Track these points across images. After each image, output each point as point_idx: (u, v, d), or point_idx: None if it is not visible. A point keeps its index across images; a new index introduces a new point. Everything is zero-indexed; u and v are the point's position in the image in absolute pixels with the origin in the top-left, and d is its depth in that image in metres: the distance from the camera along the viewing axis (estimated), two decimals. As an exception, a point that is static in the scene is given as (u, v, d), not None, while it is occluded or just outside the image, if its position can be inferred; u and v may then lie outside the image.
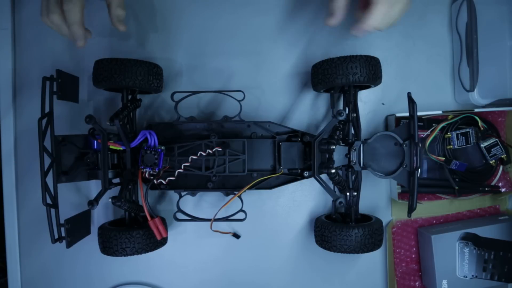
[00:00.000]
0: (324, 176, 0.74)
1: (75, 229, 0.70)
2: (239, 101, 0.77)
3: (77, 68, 0.83)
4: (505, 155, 0.83)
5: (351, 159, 0.73)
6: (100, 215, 0.84)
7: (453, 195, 0.84)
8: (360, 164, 0.73)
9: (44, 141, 0.66)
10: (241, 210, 0.78)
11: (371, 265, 0.86)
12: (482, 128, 0.82)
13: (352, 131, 0.75)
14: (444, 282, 0.80)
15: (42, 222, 0.68)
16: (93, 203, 0.66)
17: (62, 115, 0.81)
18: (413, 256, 0.86)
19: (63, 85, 0.69)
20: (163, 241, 0.77)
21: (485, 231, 0.81)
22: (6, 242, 0.85)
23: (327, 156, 0.70)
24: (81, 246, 0.74)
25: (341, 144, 0.73)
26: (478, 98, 0.80)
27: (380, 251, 0.80)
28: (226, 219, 0.78)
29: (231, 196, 0.76)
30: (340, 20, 0.71)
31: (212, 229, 0.77)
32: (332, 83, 0.71)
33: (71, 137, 0.71)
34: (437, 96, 0.85)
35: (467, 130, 0.81)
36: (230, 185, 0.77)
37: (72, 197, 0.84)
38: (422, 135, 0.83)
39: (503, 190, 0.86)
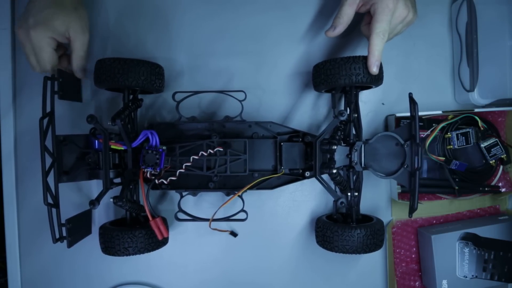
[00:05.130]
0: (325, 176, 0.74)
1: (76, 228, 0.70)
2: (240, 101, 0.77)
3: (78, 68, 0.83)
4: (505, 155, 0.83)
5: (352, 160, 0.72)
6: (101, 215, 0.84)
7: (453, 195, 0.84)
8: (361, 164, 0.73)
9: (45, 141, 0.66)
10: (242, 210, 0.78)
11: (371, 265, 0.86)
12: (482, 128, 0.83)
13: (353, 132, 0.76)
14: (444, 282, 0.81)
15: (43, 222, 0.68)
16: (94, 203, 0.66)
17: (63, 115, 0.80)
18: (413, 256, 0.86)
19: (64, 84, 0.69)
20: (164, 241, 0.77)
21: (485, 231, 0.81)
22: (6, 242, 0.85)
23: (328, 156, 0.70)
24: (81, 246, 0.73)
25: (342, 144, 0.73)
26: (478, 98, 0.80)
27: (380, 251, 0.80)
28: (227, 219, 0.78)
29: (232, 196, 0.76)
30: (339, 34, 0.74)
31: (210, 227, 0.77)
32: (335, 83, 0.71)
33: (72, 136, 0.71)
34: (437, 96, 0.85)
35: (467, 130, 0.81)
36: (231, 185, 0.77)
37: (73, 197, 0.84)
38: (422, 135, 0.83)
39: (503, 190, 0.86)
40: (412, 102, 0.69)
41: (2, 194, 0.85)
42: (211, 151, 0.73)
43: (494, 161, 0.84)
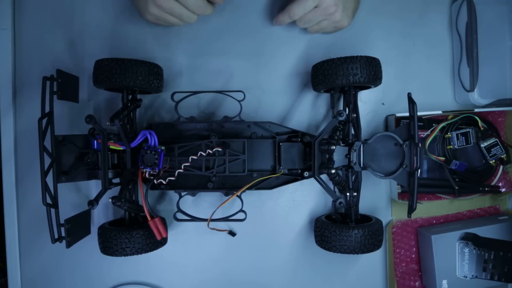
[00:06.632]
0: (324, 177, 0.74)
1: (75, 229, 0.70)
2: (239, 101, 0.77)
3: (77, 68, 0.83)
4: (505, 155, 0.83)
5: (351, 160, 0.72)
6: (100, 215, 0.84)
7: (453, 195, 0.84)
8: (360, 164, 0.73)
9: (44, 141, 0.66)
10: (241, 210, 0.78)
11: (371, 265, 0.86)
12: (482, 128, 0.82)
13: (352, 132, 0.75)
14: (444, 282, 0.80)
15: (42, 222, 0.68)
16: (93, 203, 0.66)
17: (62, 115, 0.80)
18: (413, 256, 0.86)
19: (63, 85, 0.69)
20: (163, 241, 0.77)
21: (485, 231, 0.81)
22: (6, 242, 0.85)
23: (327, 156, 0.70)
24: (81, 246, 0.74)
25: (341, 144, 0.72)
26: (478, 98, 0.80)
27: (380, 251, 0.80)
28: (226, 219, 0.78)
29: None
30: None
31: (209, 227, 0.77)
32: (333, 83, 0.71)
33: (71, 137, 0.71)
34: (437, 96, 0.85)
35: (467, 130, 0.81)
36: (230, 185, 0.77)
37: (72, 197, 0.84)
38: (422, 135, 0.83)
39: (503, 190, 0.86)
40: (411, 102, 0.69)
41: (2, 194, 0.85)
42: (210, 151, 0.73)
43: (494, 161, 0.83)
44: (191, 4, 0.73)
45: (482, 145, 0.82)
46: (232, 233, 0.84)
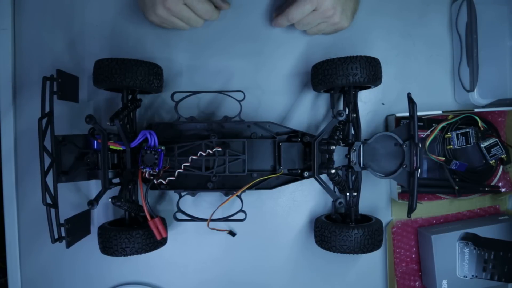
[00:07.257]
0: (324, 177, 0.74)
1: (75, 229, 0.70)
2: (239, 101, 0.77)
3: (77, 68, 0.83)
4: (505, 155, 0.83)
5: (351, 160, 0.72)
6: (100, 215, 0.84)
7: (453, 195, 0.84)
8: (360, 164, 0.73)
9: (44, 141, 0.66)
10: (241, 210, 0.78)
11: (371, 265, 0.86)
12: (482, 128, 0.82)
13: (352, 132, 0.75)
14: (444, 282, 0.80)
15: (42, 222, 0.68)
16: (93, 203, 0.66)
17: (62, 115, 0.80)
18: (413, 256, 0.86)
19: (63, 85, 0.69)
20: (163, 241, 0.77)
21: (485, 231, 0.81)
22: (6, 242, 0.85)
23: (327, 156, 0.70)
24: (81, 246, 0.74)
25: (341, 144, 0.72)
26: (478, 98, 0.80)
27: (380, 251, 0.80)
28: (226, 219, 0.78)
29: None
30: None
31: (209, 227, 0.77)
32: (332, 83, 0.71)
33: (71, 137, 0.71)
34: (437, 96, 0.85)
35: (467, 130, 0.81)
36: (230, 185, 0.77)
37: (72, 197, 0.84)
38: (422, 135, 0.83)
39: (503, 190, 0.86)
40: (411, 102, 0.69)
41: (2, 194, 0.85)
42: (210, 151, 0.73)
43: (494, 161, 0.83)
44: (199, 9, 0.74)
45: (482, 145, 0.82)
46: (232, 233, 0.84)
